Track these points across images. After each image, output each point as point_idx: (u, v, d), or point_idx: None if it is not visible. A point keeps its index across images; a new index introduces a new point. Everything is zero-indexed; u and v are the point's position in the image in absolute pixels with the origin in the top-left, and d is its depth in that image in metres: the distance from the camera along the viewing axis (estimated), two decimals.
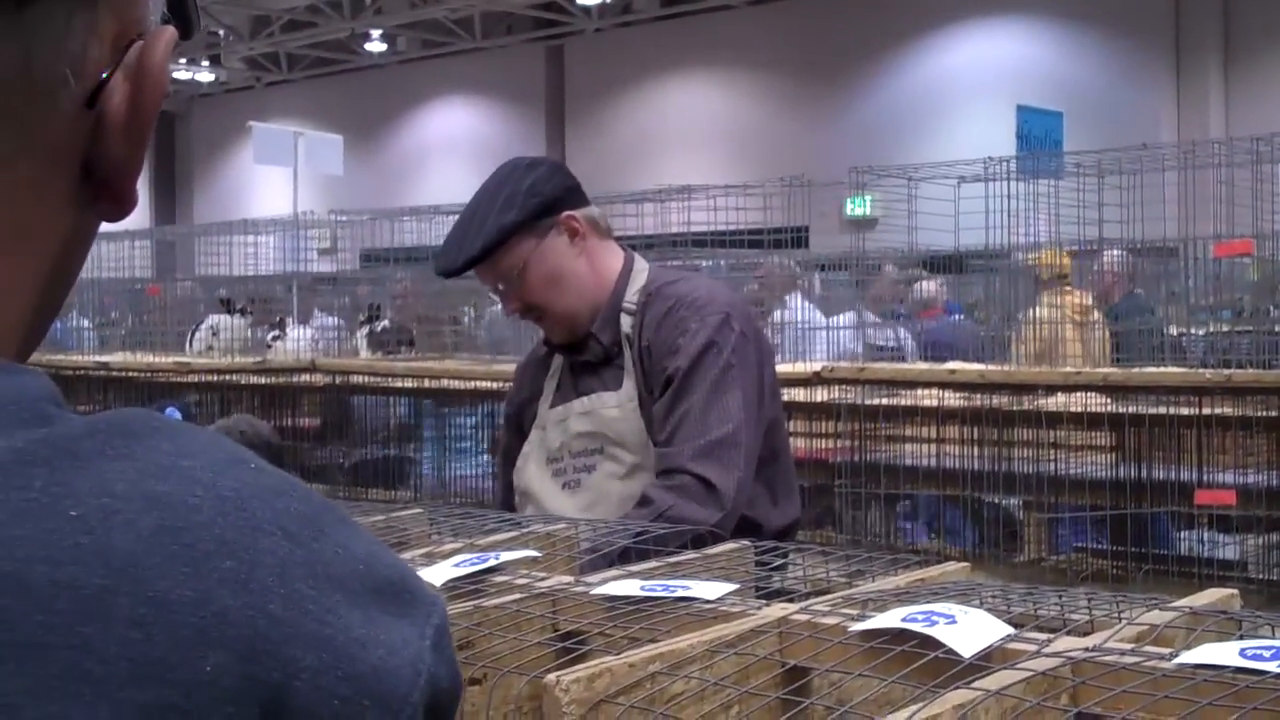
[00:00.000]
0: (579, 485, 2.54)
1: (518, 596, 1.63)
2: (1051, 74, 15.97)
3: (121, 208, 0.67)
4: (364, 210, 7.26)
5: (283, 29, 21.41)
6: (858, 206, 13.71)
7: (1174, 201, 4.57)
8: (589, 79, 20.79)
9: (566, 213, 2.55)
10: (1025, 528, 4.86)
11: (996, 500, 4.84)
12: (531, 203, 2.50)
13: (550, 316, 2.57)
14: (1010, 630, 1.36)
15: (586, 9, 20.12)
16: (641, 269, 2.63)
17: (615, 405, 2.54)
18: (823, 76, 18.40)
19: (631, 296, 2.58)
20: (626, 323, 2.56)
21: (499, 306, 6.84)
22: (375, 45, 22.26)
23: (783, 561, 1.83)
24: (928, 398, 5.00)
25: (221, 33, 21.43)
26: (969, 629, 1.34)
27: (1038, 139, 5.65)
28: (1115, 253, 5.35)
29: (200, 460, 0.58)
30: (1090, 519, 4.60)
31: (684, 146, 18.86)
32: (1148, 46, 16.10)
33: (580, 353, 2.61)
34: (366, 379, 6.23)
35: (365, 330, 7.22)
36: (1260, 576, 4.31)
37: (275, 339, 7.28)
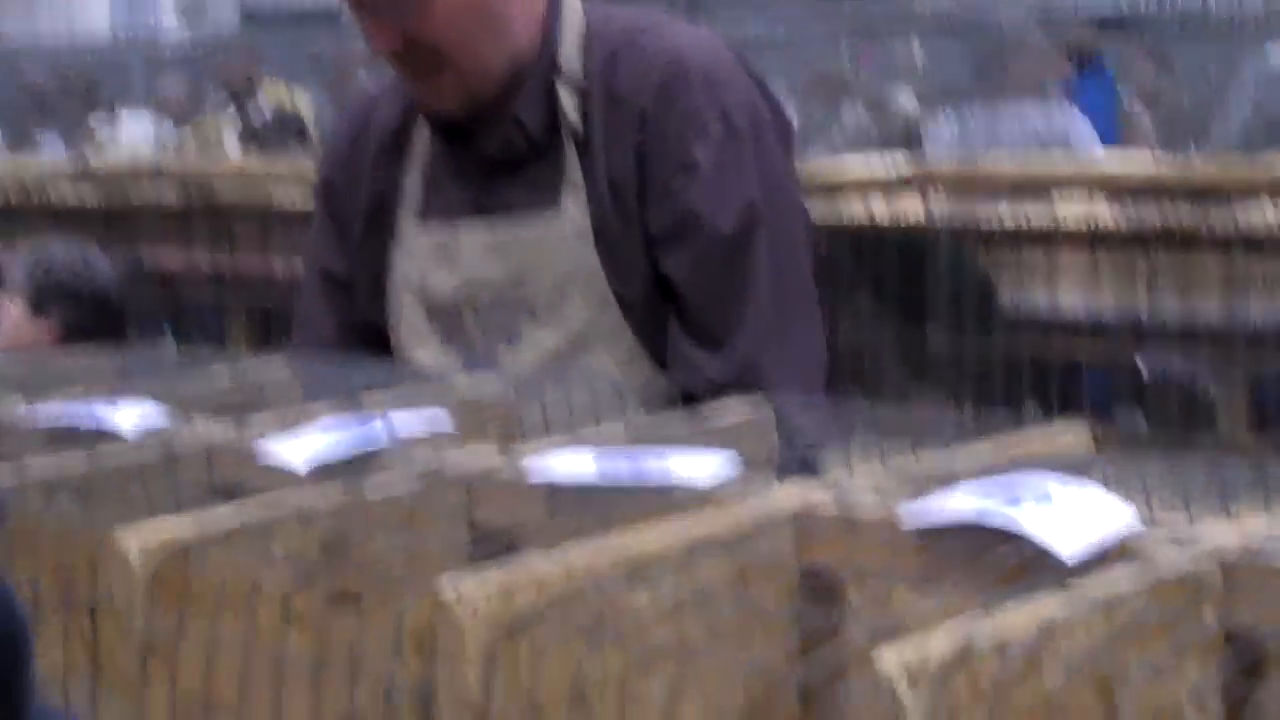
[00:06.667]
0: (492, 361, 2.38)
1: (417, 481, 1.63)
2: None
3: None
4: None
5: None
6: None
7: None
8: None
9: None
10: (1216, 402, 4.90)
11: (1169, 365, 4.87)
12: None
13: (452, 68, 2.35)
14: (1135, 519, 1.36)
15: None
16: (573, 5, 2.44)
17: (553, 235, 2.37)
18: None
19: (569, 51, 2.40)
20: (568, 99, 2.38)
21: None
22: None
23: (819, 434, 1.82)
24: (1070, 214, 4.99)
25: None
26: (1070, 515, 1.33)
27: None
28: None
29: None
30: None
31: None
32: None
33: (481, 140, 2.43)
34: (238, 192, 6.22)
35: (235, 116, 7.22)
36: None
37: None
